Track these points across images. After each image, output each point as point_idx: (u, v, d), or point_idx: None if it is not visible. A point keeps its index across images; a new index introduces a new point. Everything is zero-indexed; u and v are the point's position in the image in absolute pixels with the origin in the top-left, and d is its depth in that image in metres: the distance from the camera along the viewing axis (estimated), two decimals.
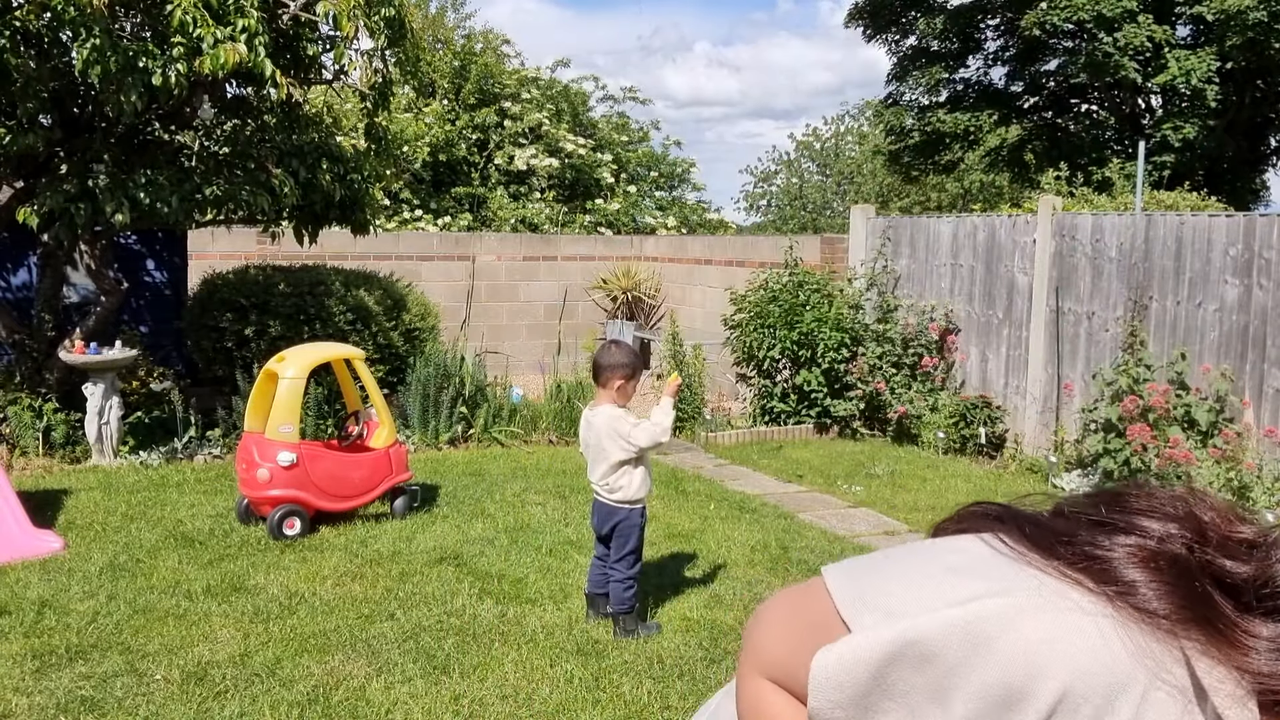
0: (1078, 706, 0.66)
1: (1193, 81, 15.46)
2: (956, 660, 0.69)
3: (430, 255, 11.64)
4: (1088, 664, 0.66)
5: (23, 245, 8.35)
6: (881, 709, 0.73)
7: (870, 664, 0.73)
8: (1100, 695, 0.66)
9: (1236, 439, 6.14)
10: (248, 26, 6.01)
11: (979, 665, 0.68)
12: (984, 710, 0.68)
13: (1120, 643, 0.67)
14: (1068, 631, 0.67)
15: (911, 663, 0.71)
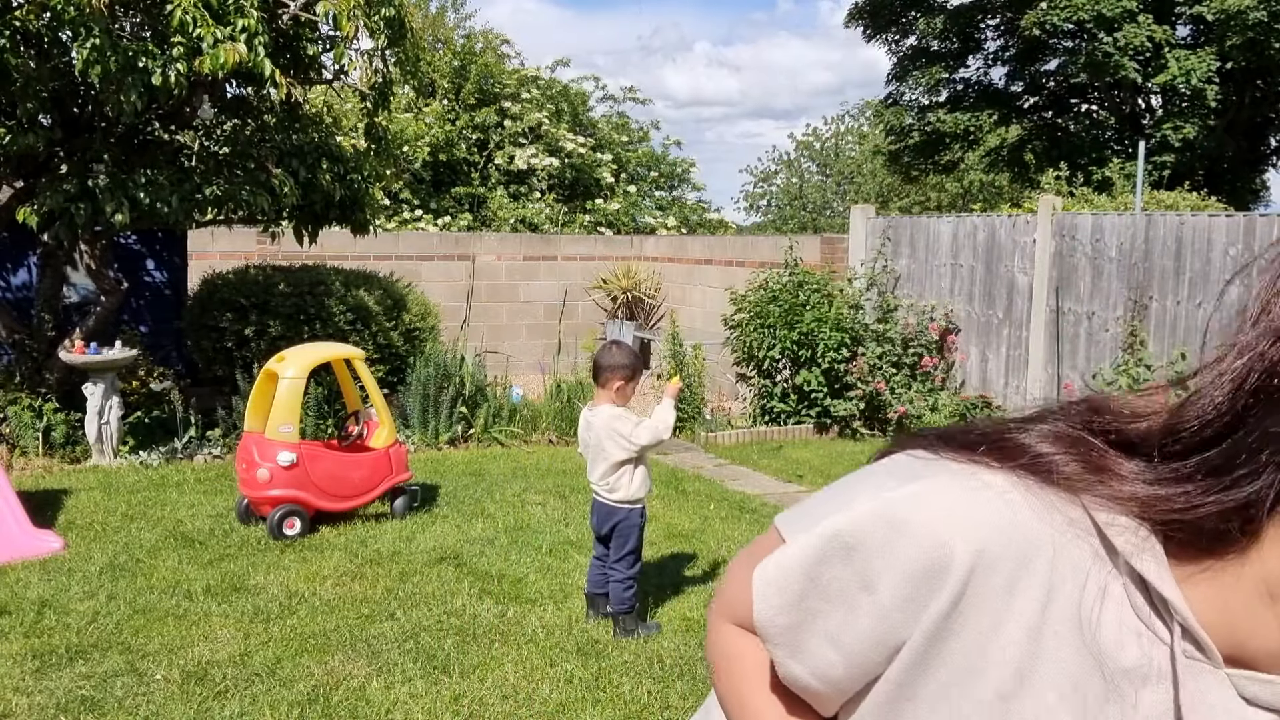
0: (992, 569, 0.68)
1: (1193, 81, 15.47)
2: (877, 545, 0.71)
3: (430, 255, 11.64)
4: (997, 529, 0.68)
5: (23, 245, 8.35)
6: (821, 612, 0.75)
7: (802, 564, 0.75)
8: (1013, 558, 0.68)
9: None
10: (247, 26, 6.01)
11: (898, 545, 0.70)
12: (909, 588, 0.70)
13: (1028, 508, 0.69)
14: (975, 502, 0.70)
15: (839, 556, 0.73)
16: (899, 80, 20.36)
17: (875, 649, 0.73)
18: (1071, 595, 0.68)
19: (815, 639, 0.75)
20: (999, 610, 0.68)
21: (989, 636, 0.69)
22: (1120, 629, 0.68)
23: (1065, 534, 0.69)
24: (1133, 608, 0.68)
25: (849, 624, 0.73)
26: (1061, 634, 0.68)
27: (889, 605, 0.71)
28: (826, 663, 0.75)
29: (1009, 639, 0.68)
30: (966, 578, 0.68)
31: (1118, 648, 0.67)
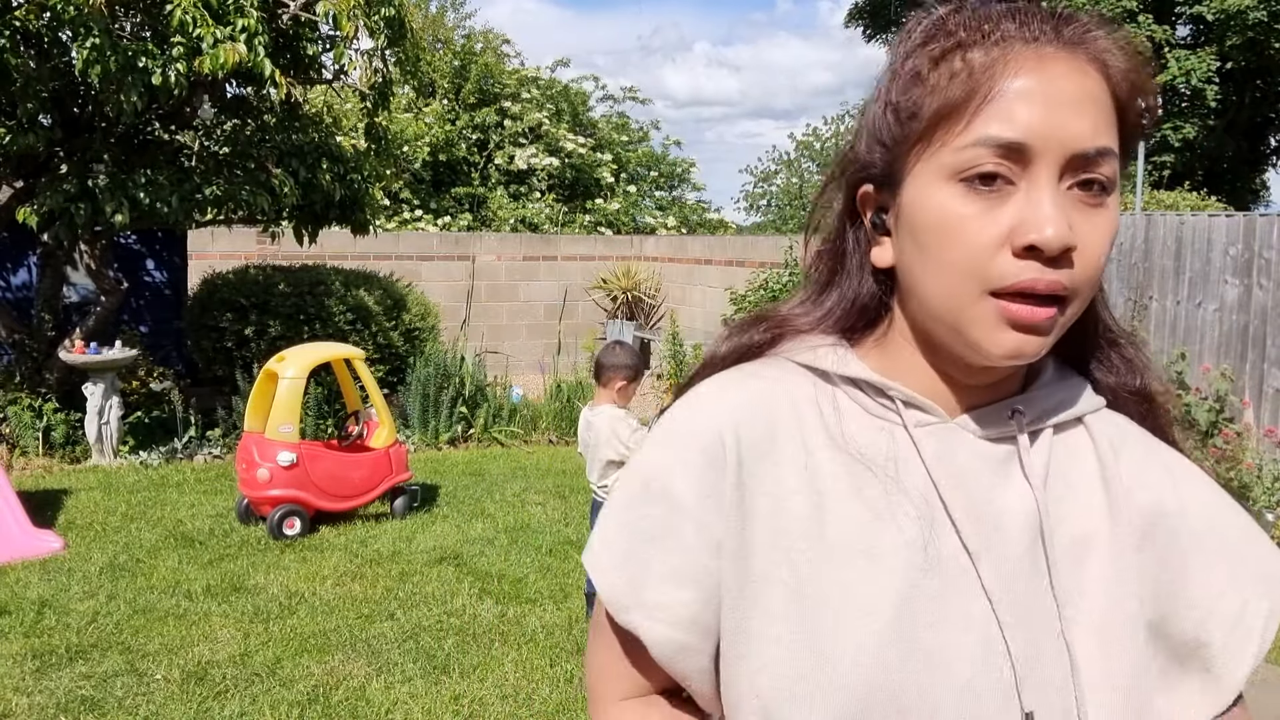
0: (752, 435, 0.78)
1: (1193, 81, 15.47)
2: (665, 466, 0.79)
3: (430, 255, 11.64)
4: (741, 405, 0.79)
5: (23, 245, 8.35)
6: (652, 556, 0.79)
7: (617, 522, 0.81)
8: (762, 420, 0.78)
9: (1236, 439, 6.14)
10: (247, 26, 6.01)
11: (679, 456, 0.79)
12: (704, 484, 0.77)
13: (754, 380, 0.81)
14: (718, 396, 0.81)
15: (640, 496, 0.80)
16: None
17: (710, 557, 0.77)
18: (815, 423, 0.79)
19: (659, 587, 0.78)
20: (773, 463, 0.77)
21: (777, 487, 0.77)
22: (864, 428, 0.79)
23: (786, 382, 0.81)
24: (863, 408, 0.80)
25: (679, 551, 0.78)
26: (826, 455, 0.78)
27: (698, 509, 0.77)
28: (680, 604, 0.78)
29: (792, 482, 0.77)
30: (738, 449, 0.77)
31: (870, 445, 0.78)
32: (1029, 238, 0.69)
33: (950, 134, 0.72)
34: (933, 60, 0.74)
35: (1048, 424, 0.80)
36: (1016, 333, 0.72)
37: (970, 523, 0.75)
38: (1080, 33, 0.74)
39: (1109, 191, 0.73)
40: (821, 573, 0.75)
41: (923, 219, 0.74)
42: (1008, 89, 0.70)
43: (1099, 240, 0.72)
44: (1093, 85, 0.72)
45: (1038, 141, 0.70)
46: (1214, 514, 0.82)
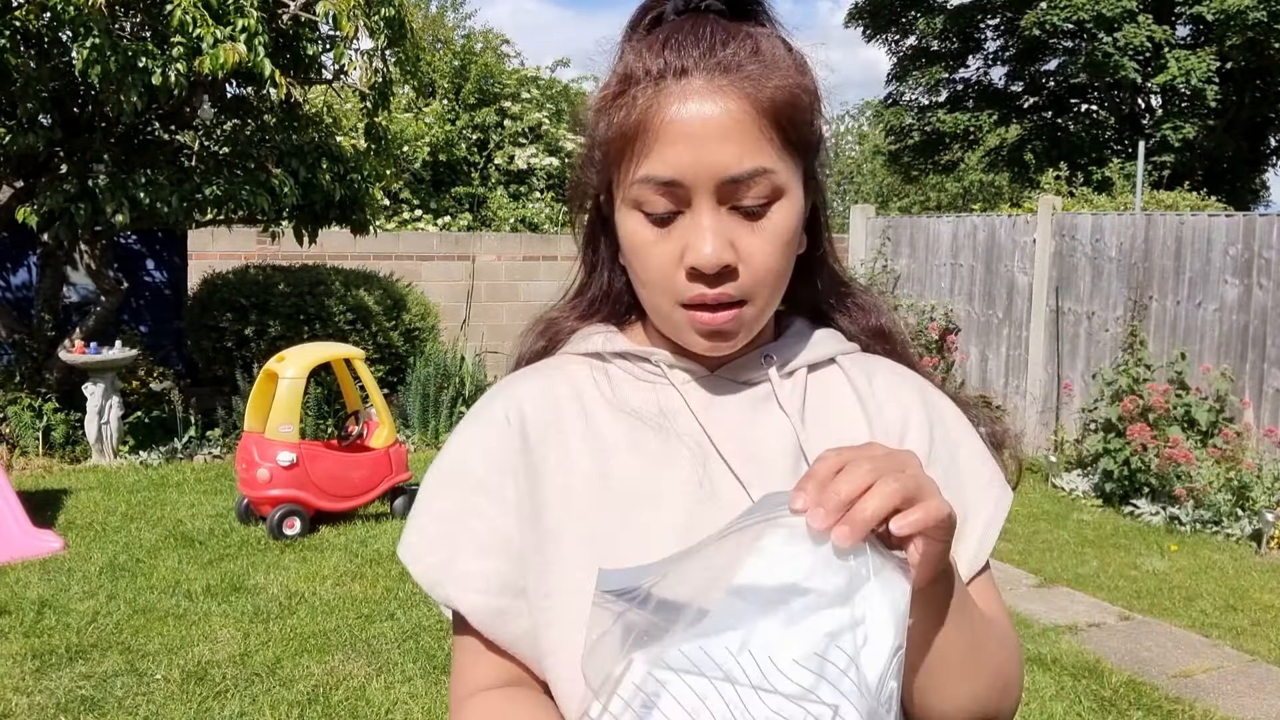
0: (537, 415, 0.88)
1: (1193, 81, 15.47)
2: (463, 451, 0.89)
3: (430, 255, 11.63)
4: (528, 393, 0.90)
5: (22, 245, 8.34)
6: (459, 536, 0.86)
7: (426, 509, 0.88)
8: (545, 402, 0.89)
9: (1236, 439, 6.14)
10: (247, 26, 6.01)
11: (476, 440, 0.89)
12: (496, 459, 0.87)
13: (537, 374, 0.93)
14: (509, 386, 0.93)
15: (441, 482, 0.88)
16: (899, 80, 20.35)
17: (508, 522, 0.85)
18: (593, 394, 0.89)
19: (468, 561, 0.84)
20: (558, 432, 0.87)
21: (562, 450, 0.86)
22: (635, 391, 0.89)
23: (566, 369, 0.92)
24: (635, 377, 0.90)
25: (481, 523, 0.85)
26: (606, 418, 0.87)
27: (491, 480, 0.86)
28: (490, 571, 0.84)
29: (577, 445, 0.86)
30: (523, 424, 0.87)
31: (643, 403, 0.88)
32: (689, 262, 0.80)
33: (625, 170, 0.82)
34: (614, 95, 0.83)
35: (800, 365, 0.91)
36: (706, 338, 0.83)
37: (738, 457, 0.85)
38: (730, 59, 0.80)
39: (773, 201, 0.81)
40: (609, 518, 0.83)
41: (624, 241, 0.85)
42: (661, 129, 0.79)
43: (764, 248, 0.81)
44: (736, 112, 0.79)
45: (689, 176, 0.79)
46: (954, 423, 0.95)
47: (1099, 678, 3.88)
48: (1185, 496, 5.95)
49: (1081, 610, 4.64)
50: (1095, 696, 3.72)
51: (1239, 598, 4.81)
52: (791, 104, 0.81)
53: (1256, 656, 4.14)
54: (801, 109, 0.83)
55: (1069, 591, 4.90)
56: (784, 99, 0.81)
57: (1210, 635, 4.37)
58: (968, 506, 0.88)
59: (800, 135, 0.83)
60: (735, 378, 0.89)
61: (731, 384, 0.89)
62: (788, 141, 0.82)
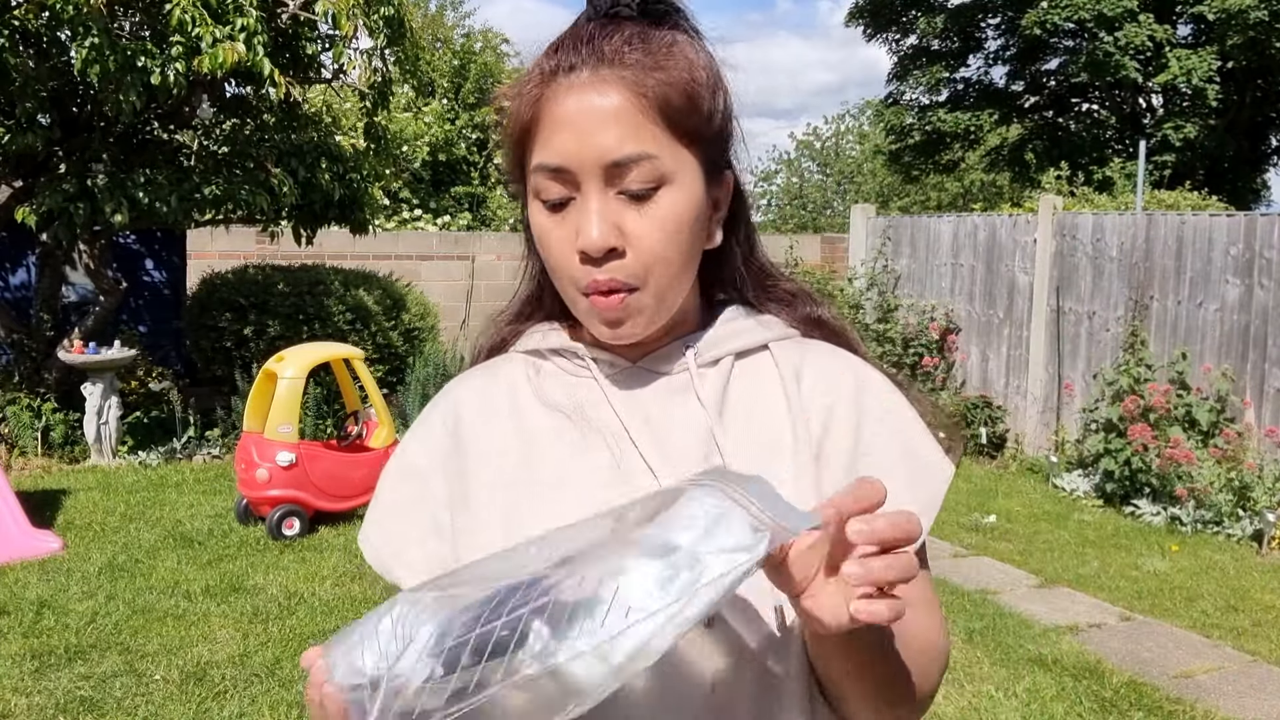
0: (470, 408, 0.96)
1: (1193, 81, 15.46)
2: (406, 446, 0.98)
3: (429, 255, 11.62)
4: (465, 391, 0.98)
5: (21, 245, 8.34)
6: (409, 524, 0.94)
7: (381, 504, 0.97)
8: (479, 396, 0.97)
9: (1237, 439, 6.13)
10: (246, 25, 6.00)
11: (416, 434, 0.99)
12: (431, 452, 0.95)
13: (481, 372, 1.00)
14: (455, 386, 1.01)
15: (394, 477, 0.98)
16: (899, 79, 20.34)
17: (444, 510, 0.93)
18: (526, 391, 0.95)
19: (414, 546, 0.93)
20: (487, 427, 0.94)
21: (490, 445, 0.93)
22: (560, 386, 0.94)
23: (506, 367, 0.99)
24: (565, 371, 0.95)
25: (425, 511, 0.94)
26: (535, 413, 0.94)
27: (430, 470, 0.95)
28: (431, 555, 0.92)
29: (506, 440, 0.93)
30: (456, 420, 0.96)
31: (566, 397, 0.93)
32: (578, 245, 0.84)
33: (526, 160, 0.88)
34: (513, 95, 0.89)
35: (725, 352, 0.93)
36: (605, 325, 0.87)
37: (651, 444, 0.89)
38: (614, 51, 0.84)
39: (660, 186, 0.84)
40: (530, 508, 0.88)
41: (533, 230, 0.90)
42: (549, 119, 0.84)
43: (651, 232, 0.84)
44: (619, 101, 0.83)
45: (574, 161, 0.83)
46: (890, 405, 0.94)
47: (1100, 678, 3.87)
48: (1186, 497, 5.94)
49: (1082, 611, 4.63)
50: (1096, 697, 3.71)
51: (1240, 598, 4.80)
52: (681, 94, 0.84)
53: (1257, 657, 4.14)
54: (693, 99, 0.85)
55: (1070, 592, 4.89)
56: (671, 89, 0.84)
57: (1211, 636, 4.36)
58: (902, 490, 0.87)
59: (691, 125, 0.85)
60: (655, 368, 0.93)
61: (651, 374, 0.93)
62: (676, 130, 0.84)
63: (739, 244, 0.96)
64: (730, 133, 0.91)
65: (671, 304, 0.89)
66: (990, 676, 3.85)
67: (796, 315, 0.99)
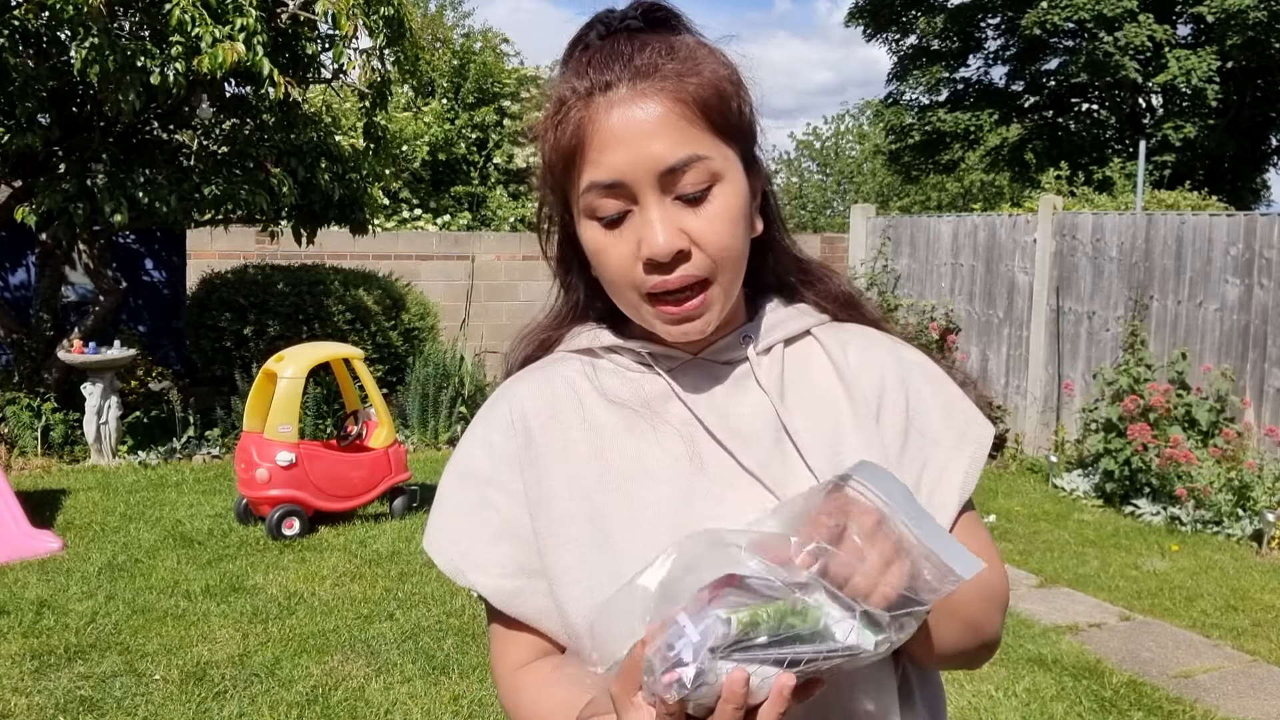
0: (537, 412, 0.97)
1: (1193, 81, 15.46)
2: (473, 448, 0.99)
3: (429, 255, 11.61)
4: (526, 392, 0.99)
5: (21, 244, 8.33)
6: (476, 530, 0.95)
7: (445, 510, 0.98)
8: (543, 399, 0.97)
9: (1237, 438, 6.13)
10: (246, 25, 6.00)
11: (483, 437, 0.99)
12: (501, 453, 0.96)
13: (538, 372, 1.01)
14: (510, 386, 1.02)
15: (455, 483, 0.98)
16: (899, 79, 20.34)
17: (518, 512, 0.94)
18: (587, 388, 0.97)
19: (484, 549, 0.94)
20: (558, 424, 0.95)
21: (564, 442, 0.94)
22: (624, 383, 0.97)
23: (560, 366, 1.00)
24: (623, 368, 0.98)
25: (494, 515, 0.94)
26: (600, 409, 0.96)
27: (500, 475, 0.95)
28: (504, 556, 0.93)
29: (576, 434, 0.95)
30: (525, 421, 0.96)
31: (632, 393, 0.96)
32: (644, 254, 0.86)
33: (574, 184, 0.89)
34: (552, 120, 0.90)
35: (776, 340, 0.98)
36: (676, 325, 0.90)
37: (724, 430, 0.92)
38: (647, 64, 0.87)
39: (713, 184, 0.88)
40: (610, 498, 0.91)
41: (586, 249, 0.92)
42: (596, 138, 0.87)
43: (713, 227, 0.87)
44: (662, 109, 0.86)
45: (629, 174, 0.86)
46: (930, 376, 1.01)
47: (1100, 678, 3.87)
48: (1186, 496, 5.94)
49: (1082, 610, 4.63)
50: (1096, 697, 3.71)
51: (1240, 598, 4.80)
52: (715, 94, 0.88)
53: (1257, 657, 4.14)
54: (726, 98, 0.89)
55: (1069, 592, 4.89)
56: (707, 91, 0.88)
57: (1211, 635, 4.36)
58: (952, 449, 0.97)
59: (729, 122, 0.90)
60: (717, 359, 0.97)
61: (713, 365, 0.96)
62: (718, 129, 0.89)
63: (776, 230, 1.00)
64: (757, 123, 0.95)
65: (735, 295, 0.92)
66: (990, 676, 3.85)
67: (828, 296, 1.04)
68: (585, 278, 1.00)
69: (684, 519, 0.88)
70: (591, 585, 0.88)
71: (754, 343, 0.97)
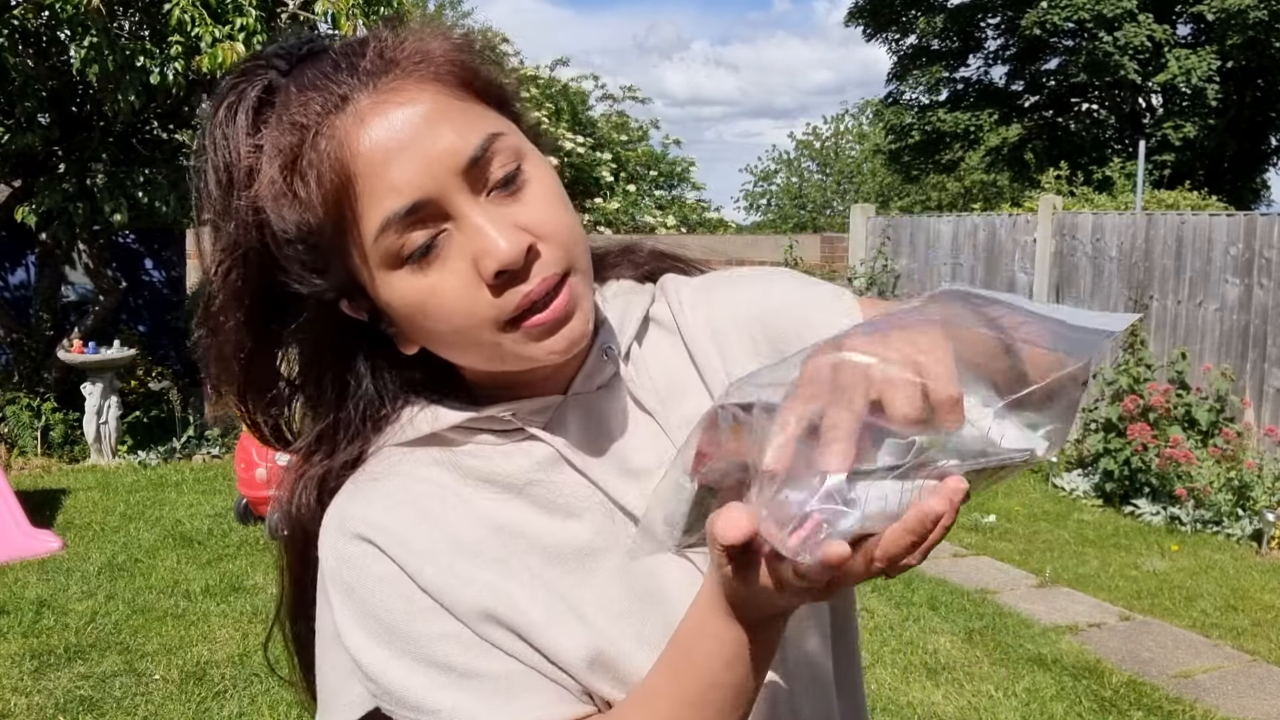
0: (389, 529, 0.78)
1: (1193, 81, 15.47)
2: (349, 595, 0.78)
3: None
4: (381, 509, 0.78)
5: (21, 244, 8.33)
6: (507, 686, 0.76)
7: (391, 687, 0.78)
8: (408, 509, 0.77)
9: (1237, 438, 6.13)
10: (246, 25, 6.00)
11: (377, 574, 0.78)
12: (391, 568, 0.75)
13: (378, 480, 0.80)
14: (352, 507, 0.81)
15: (374, 639, 0.77)
16: (899, 79, 20.36)
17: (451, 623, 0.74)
18: (456, 481, 0.78)
19: (532, 695, 0.74)
20: (444, 539, 0.75)
21: (454, 540, 0.75)
22: (495, 458, 0.78)
23: (403, 470, 0.78)
24: (490, 442, 0.78)
25: (455, 641, 0.74)
26: (488, 499, 0.77)
27: (417, 605, 0.74)
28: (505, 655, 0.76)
29: (465, 534, 0.75)
30: (391, 536, 0.75)
31: (512, 468, 0.78)
32: (491, 267, 0.69)
33: (356, 234, 0.69)
34: (283, 176, 0.69)
35: (629, 341, 0.82)
36: (552, 336, 0.72)
37: (629, 492, 0.77)
38: (378, 58, 0.71)
39: (522, 162, 0.72)
40: (565, 580, 0.75)
41: (403, 310, 0.72)
42: (363, 164, 0.68)
43: (545, 212, 0.72)
44: (425, 98, 0.70)
45: (429, 187, 0.68)
46: (757, 284, 0.86)
47: (1099, 678, 3.87)
48: (1186, 496, 5.94)
49: (1082, 610, 4.63)
50: (1095, 697, 3.71)
51: (1240, 598, 4.80)
52: (465, 65, 0.74)
53: (1257, 657, 4.14)
54: (473, 64, 0.75)
55: (1069, 592, 4.89)
56: (456, 62, 0.73)
57: (1211, 635, 4.36)
58: (828, 307, 0.83)
59: (495, 92, 0.76)
60: (588, 389, 0.80)
61: (587, 398, 0.80)
62: (492, 101, 0.75)
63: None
64: (513, 85, 0.80)
65: (592, 283, 0.77)
66: (990, 676, 3.85)
67: (640, 260, 0.90)
68: (370, 366, 0.78)
69: (641, 585, 0.76)
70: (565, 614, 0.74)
71: (619, 355, 0.81)
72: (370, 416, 0.80)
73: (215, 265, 0.74)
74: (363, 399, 0.79)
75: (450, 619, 0.74)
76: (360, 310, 0.76)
